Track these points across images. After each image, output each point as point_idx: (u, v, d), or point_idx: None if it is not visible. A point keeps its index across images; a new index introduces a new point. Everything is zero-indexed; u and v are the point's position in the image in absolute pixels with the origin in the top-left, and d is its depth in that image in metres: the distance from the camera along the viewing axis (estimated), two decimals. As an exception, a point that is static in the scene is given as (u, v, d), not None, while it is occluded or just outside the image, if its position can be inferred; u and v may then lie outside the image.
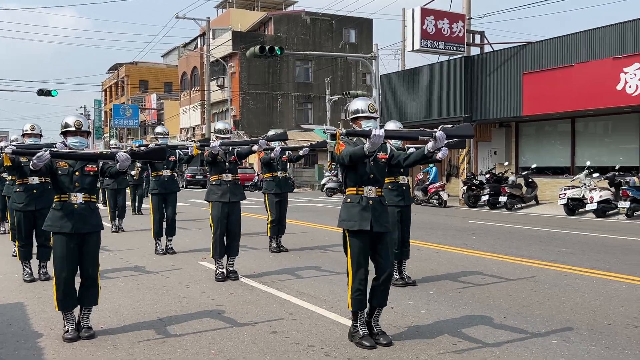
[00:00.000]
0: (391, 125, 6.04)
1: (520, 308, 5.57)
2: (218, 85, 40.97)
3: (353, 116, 4.51)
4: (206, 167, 10.67)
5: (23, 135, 6.83)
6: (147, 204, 16.51)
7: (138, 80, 60.10)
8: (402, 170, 5.99)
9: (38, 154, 4.20)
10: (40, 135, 6.88)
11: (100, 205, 11.55)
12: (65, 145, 4.75)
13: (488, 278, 6.98)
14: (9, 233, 9.05)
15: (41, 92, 30.36)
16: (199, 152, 7.59)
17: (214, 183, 6.95)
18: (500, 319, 5.17)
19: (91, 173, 4.74)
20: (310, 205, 19.87)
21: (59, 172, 4.69)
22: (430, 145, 4.07)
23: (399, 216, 6.25)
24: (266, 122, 40.71)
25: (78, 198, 4.65)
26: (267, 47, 20.29)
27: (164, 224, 9.05)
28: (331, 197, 25.76)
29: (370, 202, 4.41)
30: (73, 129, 4.70)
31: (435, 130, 4.07)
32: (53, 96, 30.47)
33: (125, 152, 4.48)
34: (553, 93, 16.86)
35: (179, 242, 9.55)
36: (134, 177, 13.89)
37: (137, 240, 10.56)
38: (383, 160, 4.50)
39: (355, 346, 4.43)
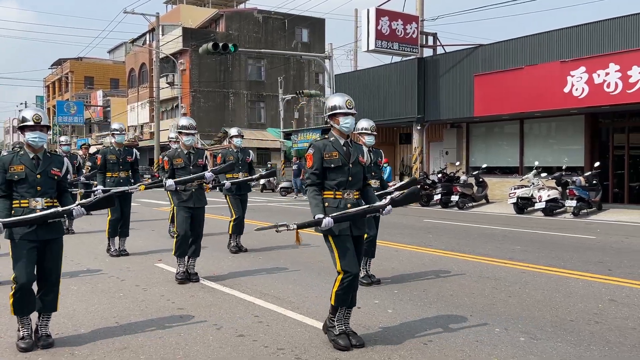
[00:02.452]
0: (364, 123, 5.98)
1: (485, 306, 5.62)
2: (168, 83, 40.12)
3: (330, 112, 4.40)
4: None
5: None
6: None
7: (83, 77, 58.21)
8: (373, 174, 6.00)
9: None
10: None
11: None
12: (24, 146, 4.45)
13: (450, 277, 7.03)
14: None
15: (-21, 87, 28.86)
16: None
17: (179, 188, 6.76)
18: (467, 318, 5.20)
19: (55, 177, 4.45)
20: (266, 205, 19.68)
21: (15, 177, 4.34)
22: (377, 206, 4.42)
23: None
24: (218, 120, 40.17)
25: (39, 204, 4.33)
26: (220, 44, 19.97)
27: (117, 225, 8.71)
28: (285, 196, 25.63)
29: (349, 205, 4.34)
30: (31, 123, 4.37)
31: (384, 203, 4.43)
32: (-8, 91, 29.04)
33: (79, 205, 4.34)
34: (503, 95, 17.32)
35: (132, 244, 9.21)
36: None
37: (88, 242, 10.14)
38: (362, 163, 4.44)
39: (328, 348, 4.35)
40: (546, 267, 7.57)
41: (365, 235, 5.02)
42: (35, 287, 4.46)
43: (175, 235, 6.83)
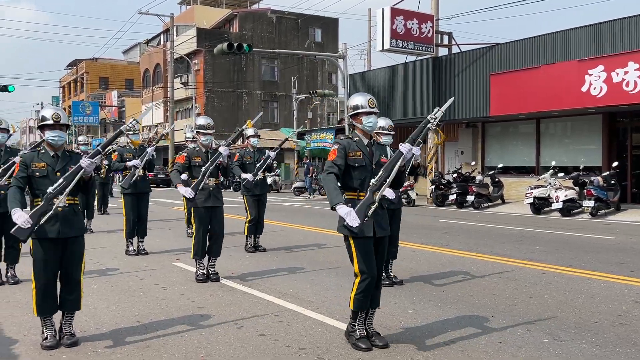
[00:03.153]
0: (381, 122, 5.96)
1: (506, 307, 5.57)
2: (182, 83, 40.30)
3: (353, 112, 4.36)
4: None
5: (-11, 130, 6.44)
6: (113, 204, 16.13)
7: (98, 77, 58.69)
8: None
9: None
10: (8, 130, 6.50)
11: None
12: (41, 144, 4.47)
13: (469, 277, 6.98)
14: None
15: (-3, 87, 29.25)
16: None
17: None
18: (489, 318, 5.15)
19: None
20: (281, 204, 19.69)
21: (37, 173, 4.38)
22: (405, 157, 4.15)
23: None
24: (232, 120, 40.26)
25: (61, 201, 4.36)
26: (235, 45, 20.02)
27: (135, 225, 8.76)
28: (299, 196, 25.64)
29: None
30: (51, 122, 4.40)
31: (406, 148, 4.13)
32: (10, 92, 29.39)
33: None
34: (519, 94, 17.17)
35: (149, 243, 9.26)
36: (101, 176, 13.43)
37: (106, 241, 10.21)
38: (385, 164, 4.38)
39: (349, 348, 4.33)
40: (566, 268, 7.49)
41: None
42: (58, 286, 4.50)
43: (193, 235, 6.84)
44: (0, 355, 4.27)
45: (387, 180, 4.08)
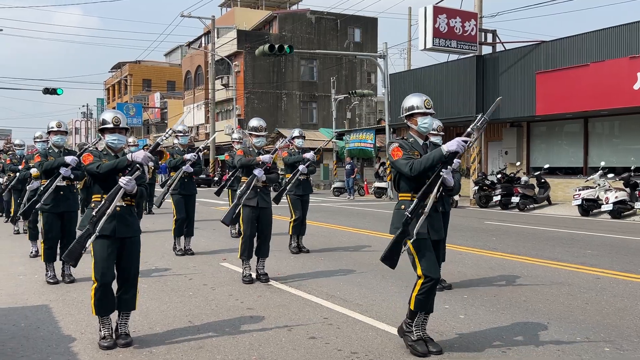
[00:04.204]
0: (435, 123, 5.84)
1: (562, 313, 5.40)
2: (223, 84, 40.80)
3: (408, 113, 4.29)
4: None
5: (49, 132, 6.65)
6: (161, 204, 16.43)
7: (141, 79, 59.96)
8: None
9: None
10: (66, 132, 6.70)
11: None
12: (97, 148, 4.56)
13: (520, 281, 6.81)
14: (26, 232, 8.92)
15: (47, 91, 30.24)
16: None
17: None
18: (544, 325, 5.01)
19: None
20: (320, 205, 19.69)
21: None
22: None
23: None
24: (271, 121, 40.50)
25: (119, 201, 4.45)
26: (276, 46, 20.14)
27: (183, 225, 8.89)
28: (338, 196, 25.62)
29: (427, 209, 4.20)
30: (111, 125, 4.49)
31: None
32: (58, 94, 30.35)
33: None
34: (567, 93, 16.72)
35: (196, 243, 9.38)
36: (148, 176, 13.70)
37: (154, 241, 10.39)
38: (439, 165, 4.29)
39: (403, 353, 4.27)
40: (622, 273, 7.23)
41: None
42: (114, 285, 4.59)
43: (241, 236, 6.87)
44: (59, 352, 4.38)
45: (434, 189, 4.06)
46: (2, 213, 14.03)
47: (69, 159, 6.43)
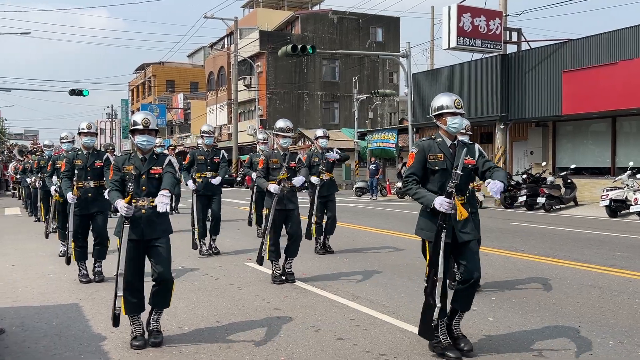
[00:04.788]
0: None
1: (593, 316, 5.31)
2: (245, 85, 41.02)
3: (437, 112, 4.24)
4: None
5: (79, 133, 6.76)
6: (183, 203, 16.59)
7: (165, 80, 60.62)
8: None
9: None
10: (96, 134, 6.80)
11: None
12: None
13: (549, 284, 6.71)
14: (56, 232, 9.07)
15: (73, 92, 30.75)
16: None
17: None
18: (575, 328, 4.92)
19: (156, 176, 4.60)
20: (343, 205, 19.66)
21: (127, 177, 4.56)
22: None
23: None
24: (293, 121, 39.76)
25: (145, 202, 4.50)
26: (299, 47, 20.16)
27: (208, 224, 8.97)
28: (360, 197, 25.56)
29: (452, 211, 4.16)
30: (140, 127, 4.55)
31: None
32: (84, 96, 30.85)
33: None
34: (595, 91, 16.44)
35: (220, 243, 9.45)
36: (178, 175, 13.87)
37: (179, 241, 10.47)
38: (470, 166, 4.23)
39: (431, 356, 4.23)
40: (654, 276, 7.07)
41: None
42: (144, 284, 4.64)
43: (268, 237, 6.87)
44: (90, 351, 4.45)
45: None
46: (33, 213, 14.31)
47: (69, 197, 6.63)
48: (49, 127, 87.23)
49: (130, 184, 4.52)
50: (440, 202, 3.95)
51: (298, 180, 6.62)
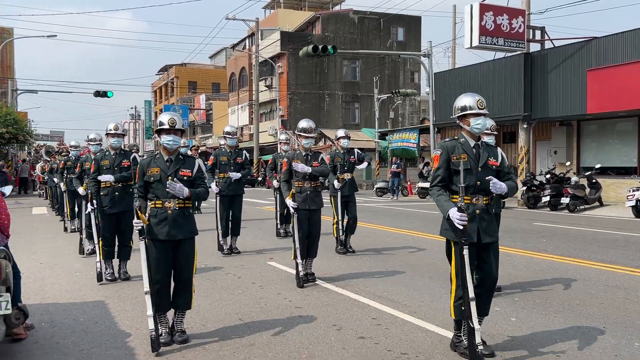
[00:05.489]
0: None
1: (618, 318, 5.24)
2: (266, 86, 41.23)
3: (460, 113, 4.24)
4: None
5: (107, 134, 6.90)
6: (205, 203, 16.74)
7: (187, 81, 61.16)
8: None
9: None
10: (124, 135, 6.93)
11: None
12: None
13: (572, 284, 6.64)
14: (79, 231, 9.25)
15: (97, 94, 31.26)
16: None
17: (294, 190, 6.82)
18: (600, 329, 4.88)
19: (185, 178, 4.67)
20: (364, 205, 19.64)
21: (152, 178, 4.64)
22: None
23: None
24: (313, 121, 40.55)
25: (172, 204, 4.58)
26: (320, 47, 20.20)
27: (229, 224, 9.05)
28: (381, 197, 25.51)
29: (477, 211, 4.13)
30: (167, 127, 4.63)
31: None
32: (109, 97, 31.33)
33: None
34: (620, 90, 16.18)
35: (242, 242, 9.53)
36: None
37: (201, 240, 10.58)
38: (494, 167, 4.21)
39: (453, 355, 4.24)
40: (682, 277, 6.95)
41: None
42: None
43: (293, 238, 6.88)
44: (117, 347, 4.55)
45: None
46: (59, 213, 14.58)
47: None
48: (74, 127, 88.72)
49: (152, 187, 4.61)
50: (453, 216, 3.98)
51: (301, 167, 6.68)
